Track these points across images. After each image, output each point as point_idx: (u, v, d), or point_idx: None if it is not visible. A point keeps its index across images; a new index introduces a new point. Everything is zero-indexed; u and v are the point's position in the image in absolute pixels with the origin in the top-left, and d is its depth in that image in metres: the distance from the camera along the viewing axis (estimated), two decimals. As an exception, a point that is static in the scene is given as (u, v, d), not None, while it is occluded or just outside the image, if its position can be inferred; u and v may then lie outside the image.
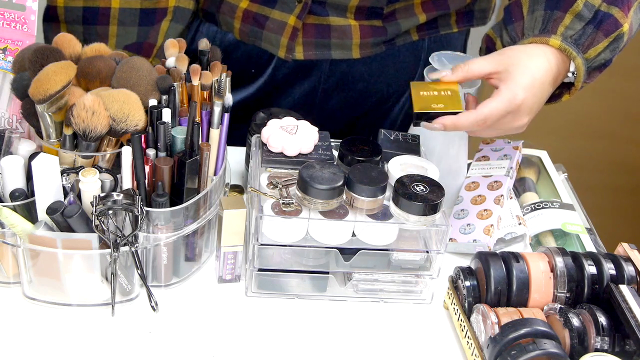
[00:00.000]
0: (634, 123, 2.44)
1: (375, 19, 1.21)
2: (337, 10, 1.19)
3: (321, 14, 1.19)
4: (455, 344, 0.96)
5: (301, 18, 1.17)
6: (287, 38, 1.19)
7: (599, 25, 1.03)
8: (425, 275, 1.00)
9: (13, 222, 0.88)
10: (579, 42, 1.03)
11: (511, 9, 1.10)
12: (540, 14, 1.05)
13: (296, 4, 1.16)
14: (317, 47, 1.22)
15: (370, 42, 1.22)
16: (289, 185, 0.97)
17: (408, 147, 1.06)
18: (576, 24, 1.03)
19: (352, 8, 1.18)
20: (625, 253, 0.97)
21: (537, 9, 1.06)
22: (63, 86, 0.89)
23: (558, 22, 1.03)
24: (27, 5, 0.99)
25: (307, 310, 0.98)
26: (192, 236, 0.97)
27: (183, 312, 0.96)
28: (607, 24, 1.03)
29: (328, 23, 1.19)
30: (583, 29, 1.03)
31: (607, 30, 1.03)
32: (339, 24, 1.20)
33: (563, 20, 1.03)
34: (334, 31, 1.10)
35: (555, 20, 1.03)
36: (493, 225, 1.07)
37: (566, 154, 1.57)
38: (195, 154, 0.92)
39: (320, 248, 0.96)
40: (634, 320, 0.86)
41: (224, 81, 1.01)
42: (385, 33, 1.22)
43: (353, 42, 1.21)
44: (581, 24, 1.03)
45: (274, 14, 1.18)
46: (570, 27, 1.03)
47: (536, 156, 1.31)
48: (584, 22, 1.03)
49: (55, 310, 0.93)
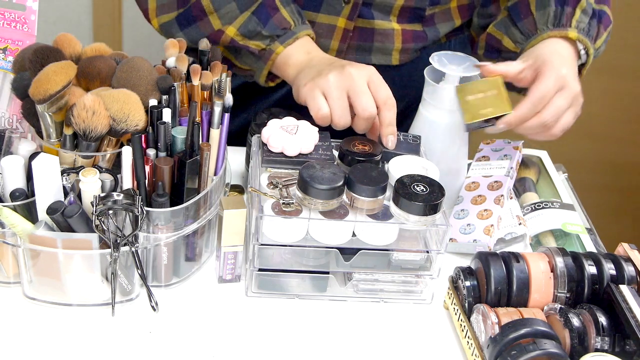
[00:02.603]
0: (634, 123, 2.45)
1: (416, 22, 1.22)
2: (382, 12, 1.20)
3: (367, 16, 1.19)
4: (455, 344, 0.96)
5: (352, 19, 1.18)
6: (337, 41, 1.19)
7: (600, 20, 1.14)
8: (425, 275, 1.00)
9: (13, 222, 0.88)
10: (590, 34, 1.13)
11: (518, 7, 1.17)
12: (552, 10, 1.13)
13: (343, 5, 1.17)
14: (358, 51, 1.22)
15: (411, 48, 1.23)
16: (289, 185, 0.97)
17: (409, 147, 1.06)
18: (584, 17, 1.13)
19: (397, 9, 1.19)
20: (625, 253, 0.97)
21: (548, 4, 1.14)
22: (63, 86, 0.89)
23: (570, 16, 1.12)
24: (27, 5, 1.00)
25: (307, 310, 0.98)
26: (192, 236, 0.97)
27: (183, 312, 0.96)
28: (605, 19, 1.15)
29: (372, 26, 1.20)
30: (589, 22, 1.13)
31: (605, 24, 1.15)
32: (383, 27, 1.21)
33: (574, 15, 1.12)
34: (377, 35, 1.11)
35: (567, 15, 1.12)
36: (493, 225, 1.07)
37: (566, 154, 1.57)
38: (195, 154, 0.92)
39: (321, 248, 0.96)
40: (634, 320, 0.86)
41: (224, 81, 1.01)
42: (425, 38, 1.24)
43: (394, 48, 1.22)
44: (587, 18, 1.13)
45: (321, 18, 1.18)
46: (581, 21, 1.12)
47: (536, 156, 1.31)
48: (589, 16, 1.13)
49: (56, 310, 0.93)
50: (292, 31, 1.12)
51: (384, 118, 1.02)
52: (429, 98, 1.11)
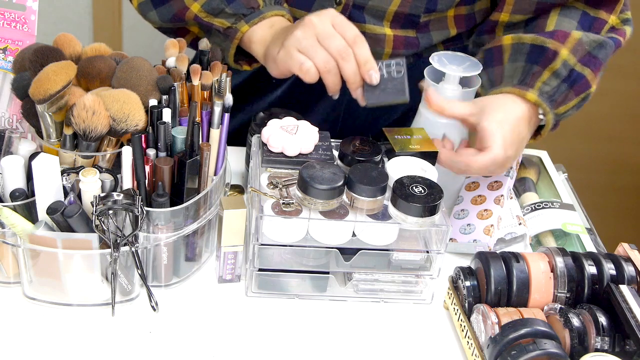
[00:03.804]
0: (634, 123, 2.45)
1: (410, 28, 1.21)
2: (374, 17, 1.19)
3: (358, 20, 1.19)
4: (455, 344, 0.96)
5: None
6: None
7: (572, 85, 1.08)
8: (425, 275, 1.00)
9: (13, 222, 0.88)
10: (553, 99, 1.07)
11: (493, 52, 1.14)
12: (521, 66, 1.09)
13: (335, 6, 1.16)
14: None
15: (402, 54, 1.22)
16: (289, 185, 0.97)
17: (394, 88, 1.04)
18: (552, 80, 1.07)
19: (390, 14, 1.18)
20: (625, 253, 0.97)
21: (519, 59, 1.10)
22: (63, 86, 0.89)
23: (536, 76, 1.07)
24: (27, 5, 1.00)
25: (307, 310, 0.98)
26: (192, 236, 0.97)
27: (183, 312, 0.96)
28: (579, 84, 1.09)
29: (363, 30, 1.18)
30: (558, 86, 1.08)
31: (578, 90, 1.09)
32: (374, 32, 1.20)
33: (541, 76, 1.07)
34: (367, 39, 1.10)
35: (534, 75, 1.08)
36: (493, 225, 1.07)
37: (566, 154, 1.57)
38: (195, 154, 0.92)
39: (321, 248, 0.96)
40: (634, 320, 0.86)
41: (224, 81, 1.01)
42: (417, 45, 1.23)
43: (384, 52, 1.22)
44: (557, 81, 1.08)
45: None
46: (547, 83, 1.07)
47: (536, 156, 1.31)
48: (560, 79, 1.08)
49: (56, 310, 0.93)
50: (260, 10, 1.11)
51: (359, 56, 1.02)
52: (429, 98, 1.11)
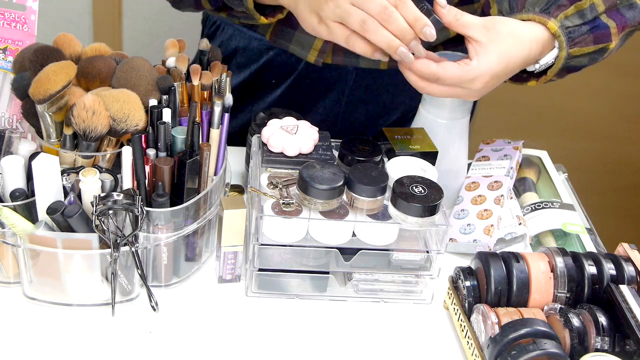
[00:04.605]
0: (634, 123, 2.45)
1: None
2: None
3: None
4: (455, 344, 0.96)
5: None
6: (321, 41, 1.18)
7: (594, 31, 1.04)
8: (425, 275, 1.00)
9: (13, 222, 0.88)
10: (571, 36, 1.03)
11: None
12: None
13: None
14: (346, 54, 1.21)
15: None
16: (289, 185, 0.97)
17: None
18: (576, 19, 1.03)
19: None
20: (625, 253, 0.97)
21: None
22: (63, 86, 0.89)
23: (561, 9, 1.04)
24: (27, 5, 1.00)
25: (307, 310, 0.98)
26: (192, 236, 0.97)
27: (183, 312, 0.96)
28: (601, 33, 1.05)
29: None
30: (580, 26, 1.04)
31: (598, 38, 1.05)
32: None
33: (566, 10, 1.03)
34: None
35: (559, 6, 1.04)
36: (493, 225, 1.07)
37: (566, 154, 1.57)
38: (195, 154, 0.92)
39: (321, 248, 0.96)
40: (634, 320, 0.86)
41: (224, 81, 1.01)
42: None
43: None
44: (580, 21, 1.04)
45: None
46: (569, 19, 1.03)
47: (536, 156, 1.31)
48: (583, 20, 1.04)
49: (56, 310, 0.93)
50: None
51: (407, 15, 0.96)
52: (428, 98, 1.11)
